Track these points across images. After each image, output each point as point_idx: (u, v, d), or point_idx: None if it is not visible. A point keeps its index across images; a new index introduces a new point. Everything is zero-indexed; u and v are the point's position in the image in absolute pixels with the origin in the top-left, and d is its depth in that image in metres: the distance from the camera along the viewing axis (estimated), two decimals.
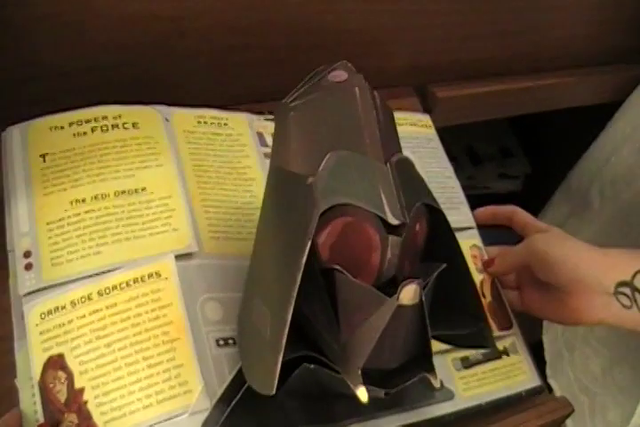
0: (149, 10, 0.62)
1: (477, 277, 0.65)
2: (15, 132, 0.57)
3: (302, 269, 0.41)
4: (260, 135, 0.66)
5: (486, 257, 0.67)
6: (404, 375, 0.45)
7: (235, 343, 0.51)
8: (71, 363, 0.47)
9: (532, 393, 0.62)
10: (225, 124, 0.66)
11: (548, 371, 0.92)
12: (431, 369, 0.44)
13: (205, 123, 0.65)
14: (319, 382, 0.46)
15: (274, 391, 0.41)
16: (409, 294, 0.41)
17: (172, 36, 0.65)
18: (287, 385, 0.44)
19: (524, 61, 0.90)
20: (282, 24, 0.68)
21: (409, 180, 0.47)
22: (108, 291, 0.50)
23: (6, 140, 0.57)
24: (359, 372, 0.42)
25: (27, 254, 0.52)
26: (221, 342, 0.50)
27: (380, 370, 0.44)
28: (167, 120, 0.62)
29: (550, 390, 0.66)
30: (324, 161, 0.44)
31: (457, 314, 0.50)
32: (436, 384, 0.44)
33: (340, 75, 0.48)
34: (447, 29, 0.78)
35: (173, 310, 0.50)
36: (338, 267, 0.43)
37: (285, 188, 0.47)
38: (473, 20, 0.79)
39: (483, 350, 0.62)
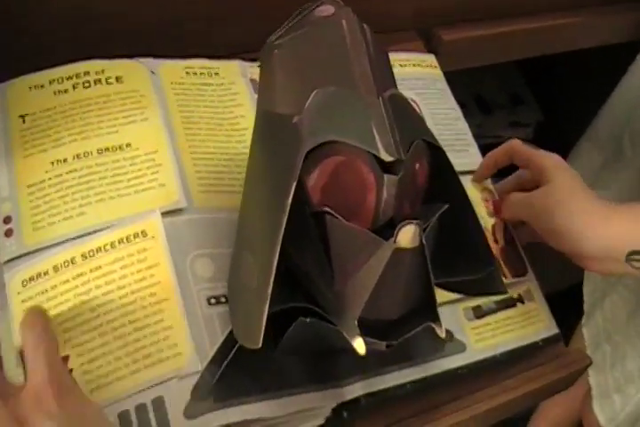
0: None
1: (489, 222, 0.61)
2: None
3: (287, 212, 0.38)
4: (254, 82, 0.62)
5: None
6: (406, 326, 0.41)
7: (227, 302, 0.48)
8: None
9: (549, 342, 0.59)
10: (216, 74, 0.62)
11: (584, 320, 0.89)
12: (436, 318, 0.41)
13: (195, 73, 0.61)
14: (318, 337, 0.43)
15: (259, 344, 0.38)
16: (407, 235, 0.38)
17: None
18: (284, 342, 0.42)
19: (530, 2, 0.85)
20: None
21: (404, 116, 0.43)
22: (92, 253, 0.47)
23: None
24: (355, 322, 0.39)
25: (6, 220, 0.50)
26: (213, 301, 0.47)
27: (381, 321, 0.41)
28: (153, 73, 0.59)
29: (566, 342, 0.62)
30: (311, 98, 0.41)
31: (463, 260, 0.47)
32: (442, 334, 0.41)
33: (326, 9, 0.45)
34: None
35: (161, 269, 0.47)
36: (328, 209, 0.40)
37: (271, 131, 0.44)
38: None
39: (495, 298, 0.58)
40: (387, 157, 0.39)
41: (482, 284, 0.47)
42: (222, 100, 0.60)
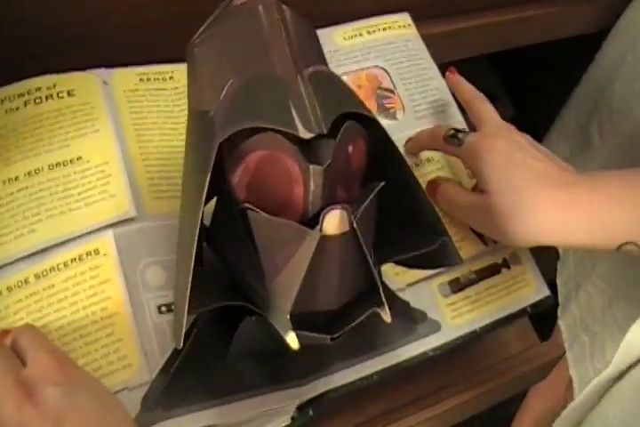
0: None
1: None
2: None
3: (202, 206, 0.38)
4: None
5: None
6: (352, 315, 0.40)
7: None
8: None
9: (538, 306, 0.57)
10: (170, 78, 0.62)
11: (559, 312, 0.87)
12: (380, 303, 0.39)
13: (149, 80, 0.61)
14: (267, 336, 0.43)
15: (181, 344, 0.38)
16: (333, 221, 0.37)
17: None
18: (234, 345, 0.41)
19: None
20: None
21: (329, 91, 0.42)
22: (45, 273, 0.48)
23: None
24: (287, 317, 0.38)
25: None
26: (164, 309, 0.47)
27: (322, 313, 0.40)
28: (106, 83, 0.59)
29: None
30: (225, 89, 0.40)
31: (413, 233, 0.45)
32: (387, 319, 0.39)
33: None
34: None
35: (112, 285, 0.47)
36: (248, 205, 0.39)
37: (195, 129, 0.43)
38: None
39: (476, 267, 0.57)
40: (305, 134, 0.38)
41: (435, 256, 0.45)
42: (177, 104, 0.60)
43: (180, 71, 0.62)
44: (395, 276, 0.53)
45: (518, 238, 0.49)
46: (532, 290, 0.57)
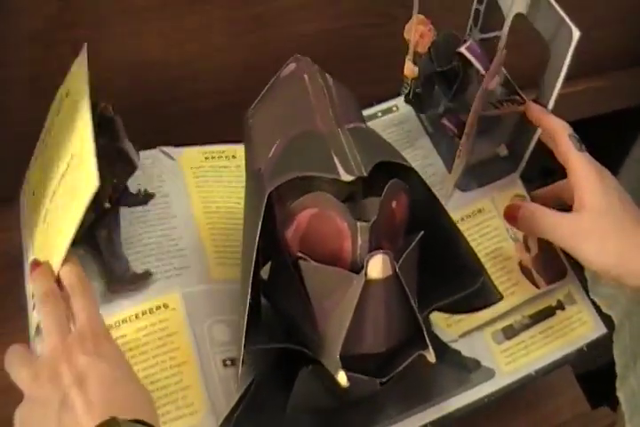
0: (161, 56, 0.68)
1: (511, 232, 0.63)
2: None
3: (255, 249, 0.44)
4: None
5: None
6: (398, 359, 0.45)
7: None
8: None
9: (595, 345, 0.59)
10: (233, 157, 0.70)
11: (618, 383, 0.87)
12: (426, 346, 0.44)
13: (213, 157, 0.69)
14: (324, 389, 0.47)
15: (241, 362, 0.44)
16: (377, 266, 0.42)
17: (184, 79, 0.71)
18: (293, 396, 0.46)
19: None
20: None
21: (369, 142, 0.48)
22: (118, 324, 0.54)
23: None
24: (337, 357, 0.43)
25: None
26: (228, 363, 0.53)
27: (370, 356, 0.45)
28: (174, 159, 0.67)
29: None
30: (273, 148, 0.48)
31: (454, 278, 0.50)
32: (432, 359, 0.44)
33: (289, 67, 0.52)
34: None
35: (180, 336, 0.54)
36: (301, 254, 0.45)
37: (249, 187, 0.51)
38: None
39: (530, 312, 0.60)
40: (346, 177, 0.44)
41: (477, 297, 0.50)
42: (240, 180, 0.67)
43: (241, 150, 0.70)
44: (447, 327, 0.58)
45: (601, 259, 0.52)
46: (588, 329, 0.60)
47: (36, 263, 0.51)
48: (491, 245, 0.62)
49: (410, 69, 0.65)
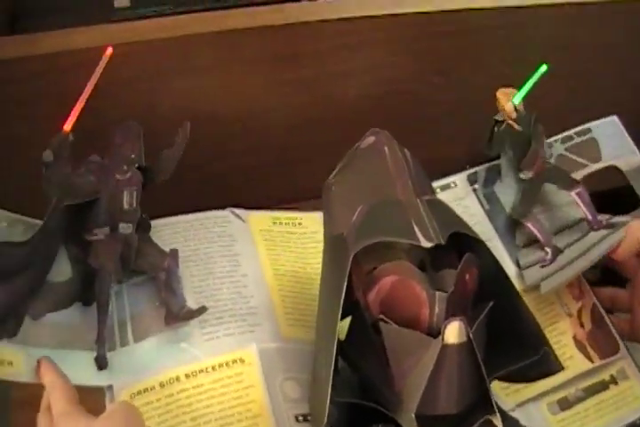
0: (211, 111, 0.74)
1: (575, 306, 0.67)
2: None
3: (341, 305, 0.48)
4: None
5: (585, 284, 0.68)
6: (466, 423, 0.49)
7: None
8: None
9: None
10: (299, 224, 0.76)
11: None
12: (493, 412, 0.48)
13: (281, 223, 0.76)
14: None
15: (324, 421, 0.48)
16: (453, 332, 0.47)
17: (233, 135, 0.77)
18: None
19: None
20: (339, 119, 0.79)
21: (444, 214, 0.53)
22: (194, 374, 0.59)
23: None
24: (413, 415, 0.47)
25: None
26: (300, 418, 0.58)
27: (442, 418, 0.49)
28: (243, 221, 0.73)
29: None
30: (356, 214, 0.53)
31: (515, 348, 0.53)
32: (499, 424, 0.48)
33: (368, 140, 0.58)
34: None
35: (256, 390, 0.58)
36: (382, 317, 0.50)
37: (330, 251, 0.56)
38: None
39: (583, 385, 0.63)
40: (425, 244, 0.49)
41: (539, 366, 0.53)
42: (305, 248, 0.74)
43: (306, 218, 0.77)
44: (505, 397, 0.62)
45: None
46: None
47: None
48: (546, 320, 0.66)
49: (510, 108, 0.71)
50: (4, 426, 0.75)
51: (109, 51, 0.62)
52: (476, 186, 0.78)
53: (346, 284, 0.49)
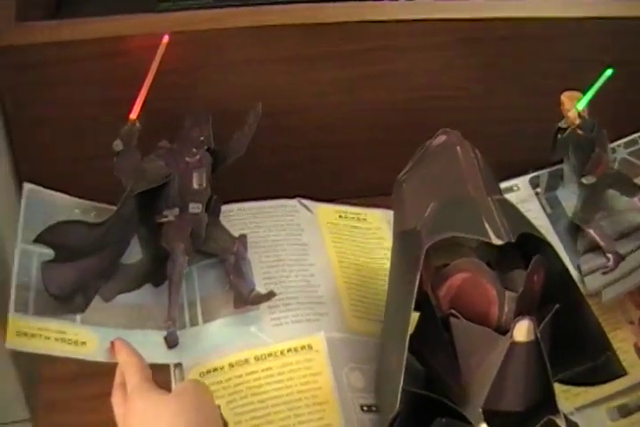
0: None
1: (636, 314, 0.68)
2: None
3: (415, 293, 0.50)
4: None
5: None
6: (530, 421, 0.50)
7: (377, 411, 0.60)
8: (226, 414, 0.57)
9: None
10: (364, 219, 0.79)
11: None
12: (556, 412, 0.50)
13: (346, 217, 0.78)
14: None
15: (397, 405, 0.50)
16: (522, 330, 0.48)
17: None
18: None
19: None
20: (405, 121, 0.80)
21: (514, 214, 0.55)
22: (264, 357, 0.62)
23: None
24: (480, 409, 0.49)
25: None
26: (365, 408, 0.60)
27: (508, 413, 0.51)
28: (312, 212, 0.77)
29: None
30: (429, 209, 0.55)
31: (580, 350, 0.55)
32: (562, 425, 0.49)
33: (439, 139, 0.61)
34: None
35: (323, 377, 0.61)
36: (453, 311, 0.52)
37: (401, 245, 0.58)
38: None
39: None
40: (497, 241, 0.51)
41: (602, 370, 0.55)
42: (369, 242, 0.77)
43: (370, 215, 0.80)
44: (565, 400, 0.63)
45: None
46: None
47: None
48: (606, 326, 0.65)
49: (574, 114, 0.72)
50: (32, 400, 0.80)
51: (166, 39, 0.64)
52: (539, 190, 0.80)
53: (419, 276, 0.51)
